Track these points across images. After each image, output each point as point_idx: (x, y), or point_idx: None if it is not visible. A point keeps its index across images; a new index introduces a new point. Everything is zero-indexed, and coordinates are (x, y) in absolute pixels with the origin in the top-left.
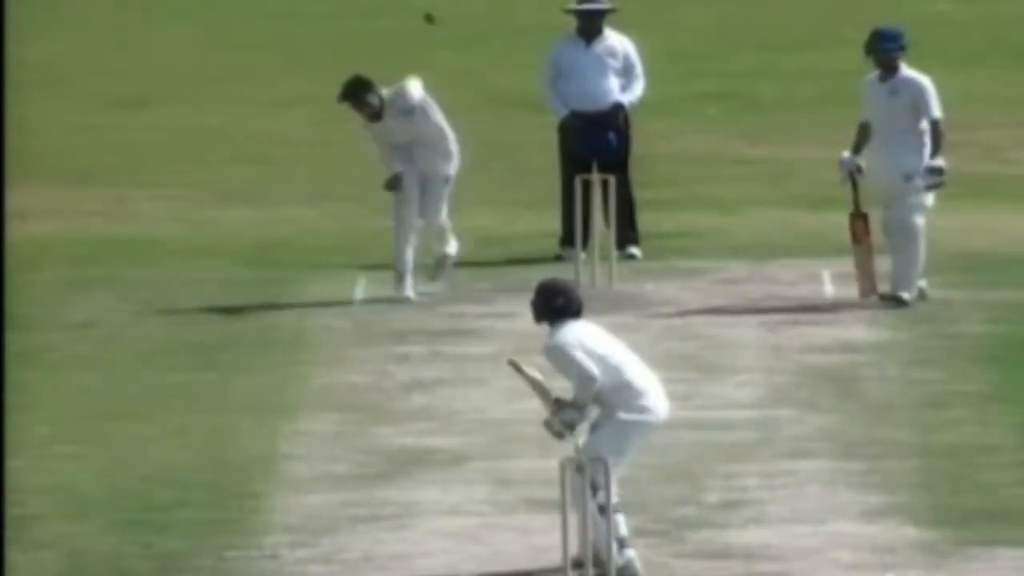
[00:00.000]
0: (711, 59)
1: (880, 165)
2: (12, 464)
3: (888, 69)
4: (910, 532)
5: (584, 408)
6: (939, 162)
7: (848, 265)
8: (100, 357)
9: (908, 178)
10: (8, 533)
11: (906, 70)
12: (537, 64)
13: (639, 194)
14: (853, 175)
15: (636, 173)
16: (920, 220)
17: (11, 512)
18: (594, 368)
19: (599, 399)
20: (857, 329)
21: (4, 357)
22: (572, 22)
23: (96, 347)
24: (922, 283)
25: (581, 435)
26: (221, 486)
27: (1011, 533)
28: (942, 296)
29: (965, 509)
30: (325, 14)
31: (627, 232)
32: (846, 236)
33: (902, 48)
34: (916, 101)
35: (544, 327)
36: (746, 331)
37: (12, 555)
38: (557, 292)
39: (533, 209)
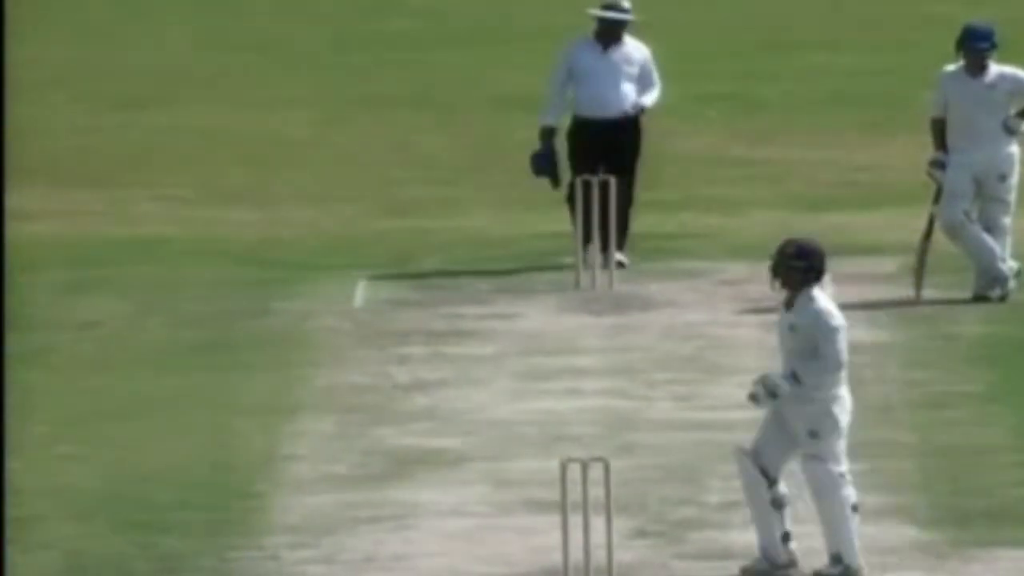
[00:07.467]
0: (712, 60)
1: (971, 162)
2: (12, 465)
3: (979, 67)
4: (910, 532)
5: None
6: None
7: (846, 266)
8: (100, 357)
9: (1003, 179)
10: (8, 534)
11: (996, 66)
12: (536, 65)
13: (639, 195)
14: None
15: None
16: (1007, 219)
17: (11, 513)
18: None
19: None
20: (857, 329)
21: (4, 357)
22: (588, 24)
23: (96, 347)
24: (1013, 264)
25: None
26: (221, 486)
27: (1011, 533)
28: (943, 296)
29: (965, 509)
30: (325, 14)
31: (619, 236)
32: (846, 237)
33: (993, 46)
34: (1018, 92)
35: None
36: (746, 331)
37: (12, 555)
38: (820, 253)
39: (533, 210)
